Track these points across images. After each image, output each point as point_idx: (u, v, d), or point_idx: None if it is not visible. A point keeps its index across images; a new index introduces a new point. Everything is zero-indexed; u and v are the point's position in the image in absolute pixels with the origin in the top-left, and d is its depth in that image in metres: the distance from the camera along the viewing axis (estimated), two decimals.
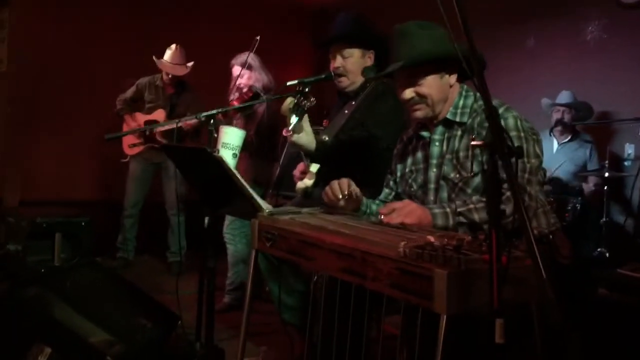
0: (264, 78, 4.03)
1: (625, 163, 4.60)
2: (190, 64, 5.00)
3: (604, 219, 4.18)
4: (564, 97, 4.63)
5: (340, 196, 2.07)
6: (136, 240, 5.15)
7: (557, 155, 4.58)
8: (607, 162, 4.22)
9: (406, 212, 1.84)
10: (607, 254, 4.08)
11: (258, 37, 2.98)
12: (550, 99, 4.72)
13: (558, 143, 4.62)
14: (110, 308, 2.73)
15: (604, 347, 2.17)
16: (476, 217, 1.85)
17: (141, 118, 5.01)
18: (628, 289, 2.24)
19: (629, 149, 4.58)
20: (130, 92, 5.08)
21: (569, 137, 4.62)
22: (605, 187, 4.23)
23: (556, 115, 4.63)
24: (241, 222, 3.82)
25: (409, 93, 2.04)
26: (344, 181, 2.10)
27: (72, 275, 2.81)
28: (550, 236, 1.95)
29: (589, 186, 4.47)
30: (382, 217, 1.84)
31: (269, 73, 4.09)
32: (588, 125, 4.71)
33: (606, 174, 4.16)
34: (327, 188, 2.13)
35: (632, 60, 4.53)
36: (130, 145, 5.03)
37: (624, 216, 4.54)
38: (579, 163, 4.53)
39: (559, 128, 4.58)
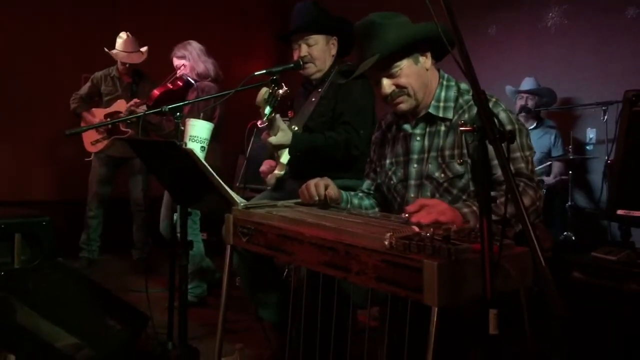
0: (200, 66, 4.00)
1: (588, 147, 4.67)
2: (144, 49, 4.89)
3: (569, 203, 4.25)
4: (527, 83, 4.68)
5: (317, 199, 2.01)
6: (100, 239, 5.00)
7: None
8: (570, 147, 4.30)
9: (438, 210, 1.66)
10: (573, 238, 4.14)
11: None
12: (514, 86, 4.75)
13: None
14: (76, 310, 2.64)
15: (582, 331, 2.18)
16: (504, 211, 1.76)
17: (100, 113, 4.85)
18: (603, 272, 2.25)
19: (591, 134, 4.65)
20: (85, 89, 4.92)
21: (534, 124, 4.66)
22: (570, 172, 4.29)
23: (520, 102, 4.66)
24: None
25: (388, 87, 1.95)
26: (320, 184, 2.02)
27: (34, 278, 2.72)
28: None
29: (553, 173, 4.52)
30: (407, 215, 1.66)
31: (209, 60, 4.04)
32: (551, 111, 4.76)
33: (570, 157, 4.24)
34: (304, 188, 2.05)
35: (593, 44, 4.58)
36: (93, 142, 4.85)
37: (588, 200, 4.62)
38: (543, 150, 4.58)
39: (523, 115, 4.62)
